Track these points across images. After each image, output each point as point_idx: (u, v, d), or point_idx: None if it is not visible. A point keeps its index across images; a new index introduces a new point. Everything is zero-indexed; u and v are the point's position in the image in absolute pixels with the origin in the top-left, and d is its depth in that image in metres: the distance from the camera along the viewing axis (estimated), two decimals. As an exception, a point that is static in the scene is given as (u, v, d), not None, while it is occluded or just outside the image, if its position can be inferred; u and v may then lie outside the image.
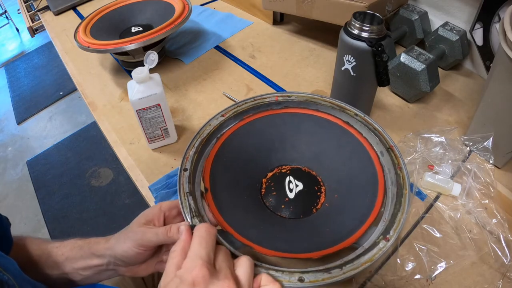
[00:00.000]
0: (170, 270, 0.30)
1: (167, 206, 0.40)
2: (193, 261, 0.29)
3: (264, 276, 0.32)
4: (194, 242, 0.31)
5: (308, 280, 0.33)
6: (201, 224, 0.33)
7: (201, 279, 0.28)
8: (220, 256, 0.32)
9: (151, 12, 0.82)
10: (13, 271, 0.33)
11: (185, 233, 0.33)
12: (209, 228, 0.33)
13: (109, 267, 0.40)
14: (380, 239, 0.36)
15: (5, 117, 2.09)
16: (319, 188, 0.48)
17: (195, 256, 0.29)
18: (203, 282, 0.28)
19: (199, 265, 0.28)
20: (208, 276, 0.28)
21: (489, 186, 0.48)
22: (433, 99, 0.66)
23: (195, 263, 0.29)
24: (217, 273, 0.29)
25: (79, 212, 1.49)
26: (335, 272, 0.34)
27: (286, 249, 0.38)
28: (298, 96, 0.52)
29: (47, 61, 2.47)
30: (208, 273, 0.28)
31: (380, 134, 0.47)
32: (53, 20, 1.03)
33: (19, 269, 0.34)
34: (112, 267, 0.40)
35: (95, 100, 0.73)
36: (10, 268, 0.33)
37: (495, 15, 0.60)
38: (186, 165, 0.44)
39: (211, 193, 0.43)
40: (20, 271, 0.34)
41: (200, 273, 0.28)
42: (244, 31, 0.89)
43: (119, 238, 0.38)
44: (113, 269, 0.40)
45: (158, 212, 0.39)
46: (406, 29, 0.74)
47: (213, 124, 0.49)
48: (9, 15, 2.80)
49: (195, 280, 0.28)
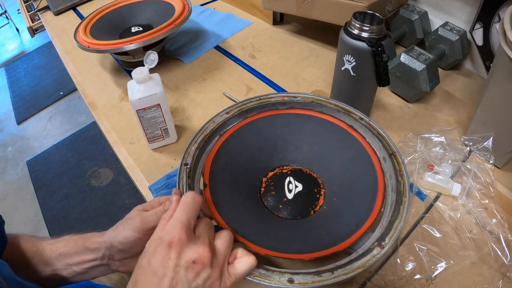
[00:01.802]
0: (155, 233, 0.32)
1: (165, 199, 0.40)
2: (173, 224, 0.31)
3: (240, 249, 0.34)
4: (178, 208, 0.33)
5: (298, 281, 0.33)
6: (188, 192, 0.35)
7: (177, 241, 0.30)
8: (201, 224, 0.33)
9: (151, 12, 0.82)
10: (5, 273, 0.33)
11: (174, 203, 0.34)
12: (195, 196, 0.34)
13: (103, 262, 0.40)
14: (375, 245, 0.36)
15: (5, 117, 2.09)
16: (318, 190, 0.47)
17: (176, 220, 0.31)
18: (179, 244, 0.30)
19: (178, 228, 0.30)
20: (185, 239, 0.30)
21: (489, 186, 0.48)
22: (433, 99, 0.66)
23: (175, 226, 0.31)
24: (195, 238, 0.31)
25: (79, 212, 1.49)
26: (325, 275, 0.34)
27: (279, 249, 0.38)
28: (304, 97, 0.52)
29: (47, 61, 2.47)
30: (186, 237, 0.30)
31: (383, 140, 0.47)
32: (53, 20, 1.03)
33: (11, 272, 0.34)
34: (106, 262, 0.40)
35: (95, 100, 0.73)
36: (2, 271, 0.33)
37: (495, 15, 0.60)
38: (187, 160, 0.44)
39: (209, 188, 0.43)
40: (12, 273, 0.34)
41: (177, 235, 0.30)
42: (244, 31, 0.89)
43: (116, 228, 0.38)
44: (106, 264, 0.40)
45: (157, 205, 0.40)
46: (406, 29, 0.74)
47: (217, 121, 0.49)
48: (9, 15, 2.80)
49: (172, 241, 0.30)
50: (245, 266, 0.33)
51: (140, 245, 0.38)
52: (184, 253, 0.30)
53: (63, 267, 0.40)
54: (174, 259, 0.29)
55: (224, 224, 0.39)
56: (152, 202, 0.40)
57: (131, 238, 0.37)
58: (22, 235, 0.43)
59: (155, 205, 0.39)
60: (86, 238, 0.40)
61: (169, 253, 0.29)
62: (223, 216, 0.40)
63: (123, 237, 0.37)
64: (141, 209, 0.39)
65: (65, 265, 0.40)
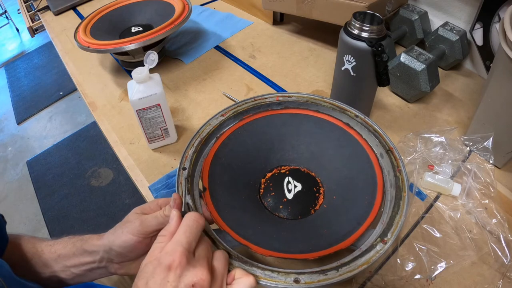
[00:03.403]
0: (154, 251, 0.31)
1: (164, 201, 0.40)
2: (174, 247, 0.30)
3: (238, 270, 0.34)
4: (179, 229, 0.32)
5: (304, 281, 0.33)
6: (191, 212, 0.34)
7: (177, 265, 0.30)
8: (201, 245, 0.33)
9: (151, 12, 0.82)
10: (4, 273, 0.33)
11: (175, 219, 0.34)
12: (198, 218, 0.34)
13: (101, 265, 0.40)
14: (377, 241, 0.36)
15: (5, 117, 2.09)
16: (317, 189, 0.47)
17: (177, 242, 0.31)
18: (179, 268, 0.30)
19: (179, 251, 0.30)
20: (184, 263, 0.30)
21: (489, 186, 0.48)
22: (433, 99, 0.66)
23: (175, 249, 0.30)
24: (195, 261, 0.31)
25: (79, 212, 1.49)
26: (331, 273, 0.34)
27: (282, 250, 0.38)
28: (299, 97, 0.52)
29: (47, 61, 2.46)
30: (185, 261, 0.30)
31: (380, 136, 0.47)
32: (53, 20, 1.03)
33: (10, 271, 0.34)
34: (104, 264, 0.40)
35: (95, 100, 0.73)
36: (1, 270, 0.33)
37: (495, 15, 0.60)
38: (185, 164, 0.44)
39: (209, 192, 0.43)
40: (11, 272, 0.34)
41: (177, 259, 0.30)
42: (244, 31, 0.89)
43: (115, 231, 0.38)
44: (104, 267, 0.40)
45: (155, 207, 0.39)
46: (406, 29, 0.74)
47: (212, 124, 0.49)
48: (9, 15, 2.80)
49: (171, 265, 0.29)
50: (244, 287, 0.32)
51: (139, 248, 0.38)
52: (184, 276, 0.29)
53: (61, 269, 0.40)
54: (173, 281, 0.29)
55: (226, 227, 0.39)
56: (151, 204, 0.40)
57: (130, 241, 0.37)
58: (24, 235, 0.43)
59: (154, 208, 0.39)
60: (85, 241, 0.40)
61: (167, 276, 0.29)
62: (224, 219, 0.40)
63: (122, 240, 0.37)
64: (139, 212, 0.39)
65: (64, 267, 0.40)
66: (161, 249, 0.31)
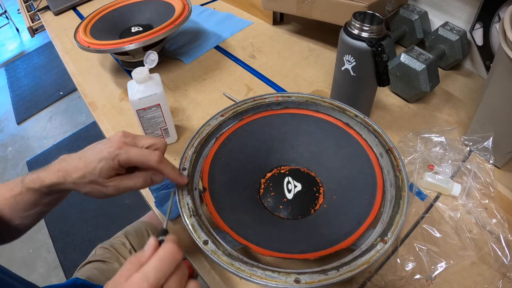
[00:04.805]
0: (120, 277, 0.29)
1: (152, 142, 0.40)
2: (139, 282, 0.28)
3: None
4: (151, 261, 0.29)
5: (305, 281, 0.33)
6: (169, 245, 0.30)
7: None
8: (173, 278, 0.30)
9: (151, 12, 0.82)
10: None
11: (150, 249, 0.31)
12: (175, 252, 0.30)
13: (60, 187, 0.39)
14: (377, 241, 0.36)
15: (5, 117, 2.09)
16: (317, 189, 0.47)
17: (143, 276, 0.28)
18: None
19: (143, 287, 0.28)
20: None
21: (489, 186, 0.48)
22: (433, 99, 0.66)
23: (140, 285, 0.28)
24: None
25: (79, 212, 1.49)
26: (331, 273, 0.34)
27: (283, 250, 0.38)
28: (298, 97, 0.52)
29: (47, 61, 2.46)
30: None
31: (379, 136, 0.47)
32: (53, 20, 1.03)
33: None
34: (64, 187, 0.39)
35: (95, 100, 0.73)
36: None
37: (495, 15, 0.60)
38: (185, 165, 0.44)
39: (209, 192, 0.43)
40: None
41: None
42: (244, 31, 0.89)
43: (85, 158, 0.38)
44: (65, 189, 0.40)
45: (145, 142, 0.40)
46: (406, 29, 0.74)
47: (212, 124, 0.49)
48: (9, 15, 2.80)
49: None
50: None
51: (112, 173, 0.38)
52: None
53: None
54: None
55: (226, 228, 0.39)
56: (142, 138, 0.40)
57: (106, 166, 0.37)
58: None
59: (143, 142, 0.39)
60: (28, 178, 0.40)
61: None
62: (224, 219, 0.40)
63: (98, 167, 0.37)
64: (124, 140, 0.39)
65: None
66: (126, 278, 0.29)
